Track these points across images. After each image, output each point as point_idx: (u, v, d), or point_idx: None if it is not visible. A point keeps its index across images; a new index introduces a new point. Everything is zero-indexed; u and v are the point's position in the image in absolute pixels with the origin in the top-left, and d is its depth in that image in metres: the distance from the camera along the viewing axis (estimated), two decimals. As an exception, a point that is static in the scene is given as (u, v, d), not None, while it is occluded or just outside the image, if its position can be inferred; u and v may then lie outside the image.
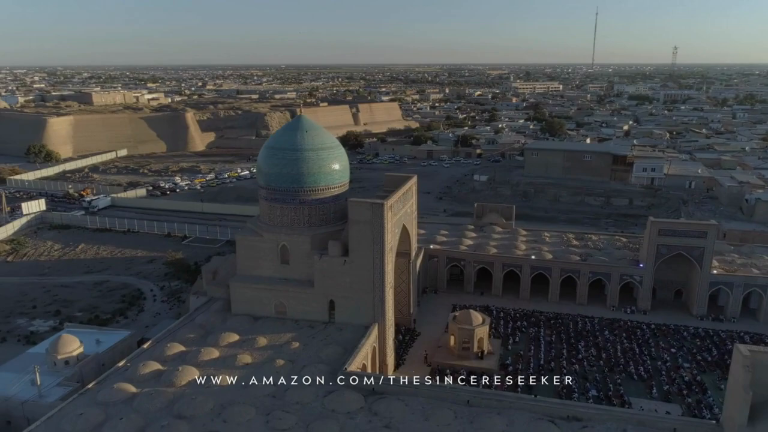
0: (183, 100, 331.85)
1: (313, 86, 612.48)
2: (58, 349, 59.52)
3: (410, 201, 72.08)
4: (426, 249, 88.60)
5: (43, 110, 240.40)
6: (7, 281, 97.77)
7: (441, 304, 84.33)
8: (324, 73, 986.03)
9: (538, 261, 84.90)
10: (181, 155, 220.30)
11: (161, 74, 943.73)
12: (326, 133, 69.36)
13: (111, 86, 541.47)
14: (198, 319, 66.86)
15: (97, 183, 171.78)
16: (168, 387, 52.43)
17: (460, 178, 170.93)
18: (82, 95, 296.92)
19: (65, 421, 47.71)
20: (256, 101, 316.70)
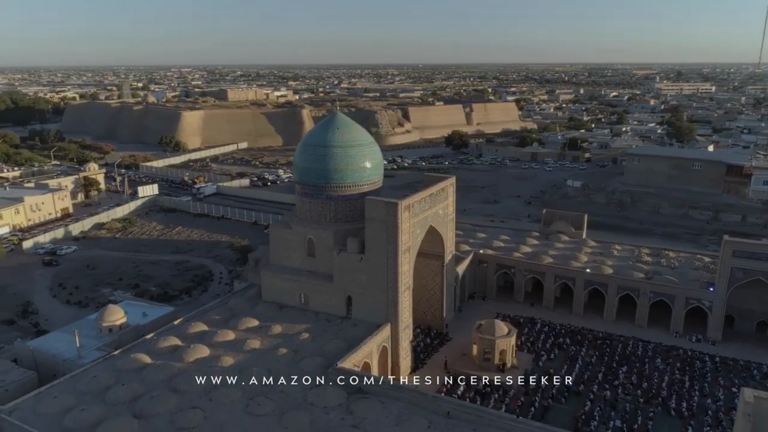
0: (309, 98, 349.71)
1: (442, 85, 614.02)
2: (104, 317, 66.63)
3: (444, 202, 70.39)
4: (476, 253, 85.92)
5: (181, 105, 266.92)
6: (109, 255, 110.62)
7: (485, 311, 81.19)
8: (458, 73, 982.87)
9: (594, 275, 78.61)
10: (294, 149, 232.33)
11: (305, 72, 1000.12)
12: (359, 131, 70.07)
13: (256, 83, 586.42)
14: (231, 302, 71.09)
15: (212, 172, 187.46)
16: (177, 362, 56.58)
17: (558, 183, 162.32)
18: (219, 92, 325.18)
19: (82, 382, 53.57)
20: (374, 99, 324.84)
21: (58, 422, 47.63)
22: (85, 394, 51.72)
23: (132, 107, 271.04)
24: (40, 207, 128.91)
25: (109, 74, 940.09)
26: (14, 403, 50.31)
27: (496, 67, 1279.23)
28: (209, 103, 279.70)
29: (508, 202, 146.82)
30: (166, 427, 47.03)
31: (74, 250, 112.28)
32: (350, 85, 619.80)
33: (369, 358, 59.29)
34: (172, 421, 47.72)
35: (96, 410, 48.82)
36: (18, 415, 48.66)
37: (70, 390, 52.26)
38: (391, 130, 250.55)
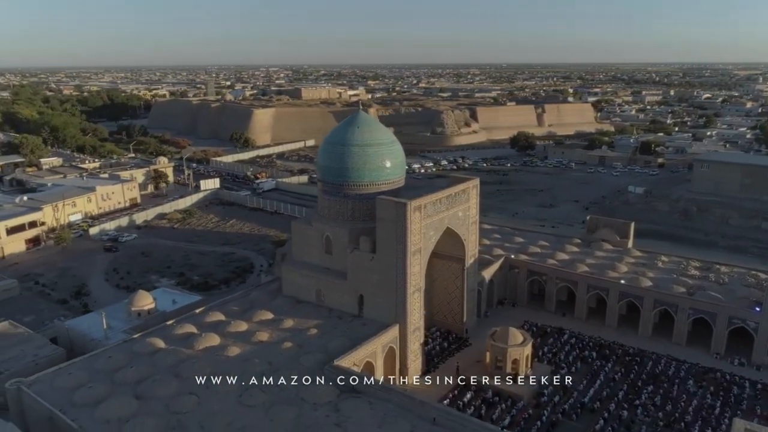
0: (380, 97, 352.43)
1: (522, 85, 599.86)
2: (134, 302, 70.63)
3: (464, 204, 68.80)
4: (506, 258, 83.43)
5: (255, 103, 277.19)
6: (164, 244, 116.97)
7: (512, 318, 78.69)
8: (541, 72, 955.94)
9: (629, 287, 74.12)
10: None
11: (386, 72, 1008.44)
12: (381, 130, 69.92)
13: (336, 82, 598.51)
14: (252, 294, 73.15)
15: (275, 168, 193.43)
16: (187, 349, 59.02)
17: (622, 189, 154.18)
18: (294, 90, 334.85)
19: (99, 361, 57.12)
20: (445, 99, 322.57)
21: (68, 397, 51.00)
22: (99, 372, 55.03)
23: (210, 105, 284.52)
24: (110, 196, 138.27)
25: (201, 73, 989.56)
26: (36, 376, 54.43)
27: (584, 67, 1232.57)
28: (282, 101, 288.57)
29: (564, 206, 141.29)
30: (161, 410, 49.15)
31: (134, 238, 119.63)
32: (428, 84, 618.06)
33: (372, 358, 59.12)
34: (167, 404, 49.81)
35: (102, 389, 51.89)
36: (36, 388, 52.55)
37: (86, 368, 55.81)
38: (457, 130, 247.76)
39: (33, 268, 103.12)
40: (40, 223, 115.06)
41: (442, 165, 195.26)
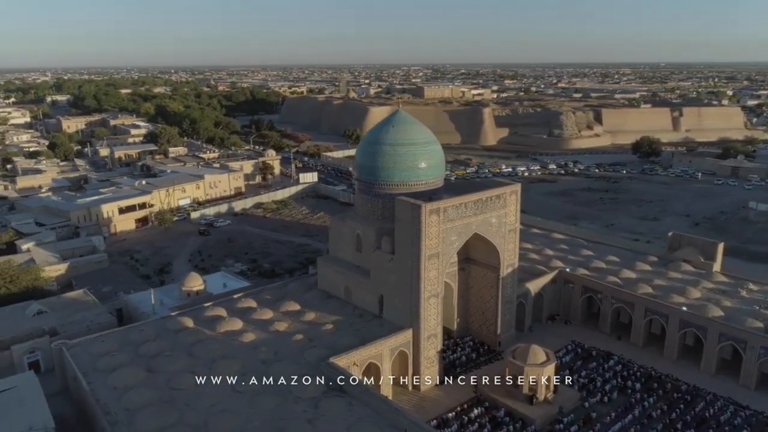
0: (507, 96, 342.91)
1: (675, 86, 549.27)
2: (185, 283, 76.35)
3: (499, 210, 65.17)
4: (561, 272, 77.60)
5: (375, 101, 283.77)
6: (251, 231, 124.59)
7: (559, 336, 73.26)
8: (702, 72, 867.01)
9: (691, 315, 65.33)
10: (470, 148, 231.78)
11: (528, 71, 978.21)
12: (417, 130, 68.36)
13: (472, 82, 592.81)
14: (290, 285, 75.58)
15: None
16: (209, 330, 62.74)
17: (747, 204, 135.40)
18: (417, 89, 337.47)
19: (132, 333, 62.79)
20: (572, 100, 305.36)
21: (93, 362, 56.73)
22: (128, 343, 60.47)
23: (332, 102, 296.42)
24: (217, 184, 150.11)
25: (346, 71, 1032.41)
26: (78, 340, 61.18)
27: (755, 66, 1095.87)
28: (403, 99, 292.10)
29: (670, 220, 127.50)
30: (162, 384, 52.83)
31: (227, 224, 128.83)
32: (568, 84, 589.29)
33: (378, 360, 58.39)
34: (169, 380, 53.42)
35: (123, 358, 57.02)
36: (74, 350, 59.06)
37: (119, 338, 61.62)
38: (576, 133, 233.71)
39: (135, 244, 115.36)
40: (149, 205, 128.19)
41: (549, 169, 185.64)
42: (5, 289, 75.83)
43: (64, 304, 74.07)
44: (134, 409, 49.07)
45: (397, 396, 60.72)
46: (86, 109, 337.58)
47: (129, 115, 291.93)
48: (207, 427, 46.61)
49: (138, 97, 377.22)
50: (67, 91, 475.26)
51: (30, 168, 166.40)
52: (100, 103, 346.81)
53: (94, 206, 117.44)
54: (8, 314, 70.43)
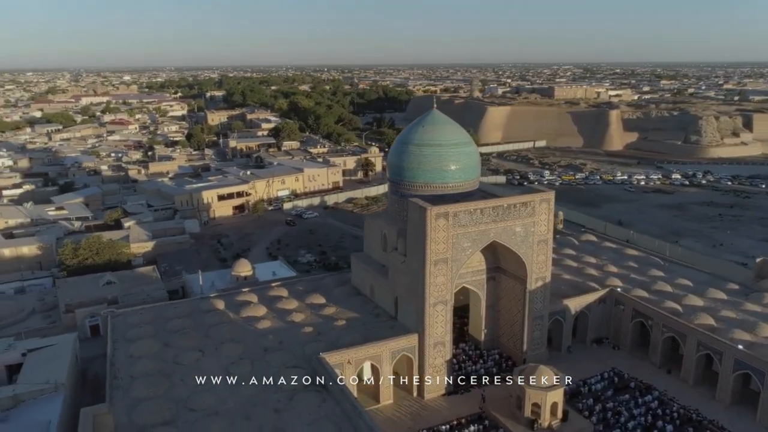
0: (650, 98, 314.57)
1: None
2: (235, 268, 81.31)
3: (526, 219, 60.89)
4: (612, 291, 70.60)
5: (496, 100, 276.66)
6: (332, 224, 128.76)
7: (600, 361, 66.88)
8: None
9: (748, 356, 56.00)
10: (591, 152, 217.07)
11: (693, 71, 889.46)
12: (450, 131, 66.17)
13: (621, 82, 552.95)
14: (326, 279, 77.28)
15: (485, 167, 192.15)
16: (233, 314, 66.49)
17: None
18: (547, 89, 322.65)
19: (169, 309, 68.56)
20: (724, 102, 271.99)
21: (124, 331, 62.97)
22: (161, 318, 66.11)
23: (454, 101, 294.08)
24: (316, 178, 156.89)
25: (490, 70, 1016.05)
26: (122, 310, 68.28)
27: None
28: (528, 100, 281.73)
29: None
30: (169, 358, 57.17)
31: (314, 216, 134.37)
32: (737, 85, 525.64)
33: (377, 362, 57.87)
34: (176, 355, 57.67)
35: (149, 330, 62.59)
36: (116, 319, 65.90)
37: (156, 312, 67.57)
38: (718, 140, 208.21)
39: (227, 229, 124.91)
40: (246, 193, 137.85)
41: (671, 179, 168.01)
42: (91, 260, 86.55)
43: (132, 277, 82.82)
44: (137, 377, 53.81)
45: (399, 401, 59.93)
46: (233, 104, 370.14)
47: (265, 110, 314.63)
48: (186, 402, 49.71)
49: (279, 93, 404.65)
50: (224, 88, 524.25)
51: (165, 155, 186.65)
52: (246, 98, 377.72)
53: (196, 192, 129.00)
54: (85, 282, 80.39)
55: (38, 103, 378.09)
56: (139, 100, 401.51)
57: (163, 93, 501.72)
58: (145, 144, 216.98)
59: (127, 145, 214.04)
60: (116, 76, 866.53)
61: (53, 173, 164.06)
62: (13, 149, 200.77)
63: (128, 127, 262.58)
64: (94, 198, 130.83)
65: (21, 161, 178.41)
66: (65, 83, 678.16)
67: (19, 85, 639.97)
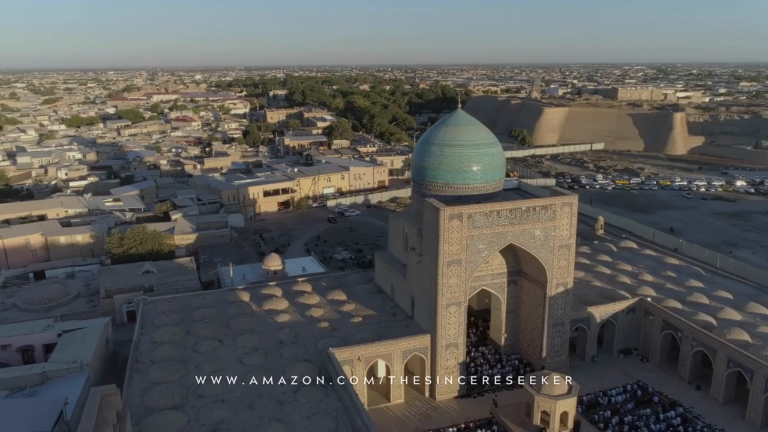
0: (718, 101, 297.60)
1: None
2: (266, 262, 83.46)
3: (546, 223, 59.39)
4: (642, 301, 67.72)
5: (553, 101, 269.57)
6: (372, 222, 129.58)
7: (626, 373, 64.41)
8: None
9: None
10: (652, 156, 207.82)
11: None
12: (473, 132, 65.25)
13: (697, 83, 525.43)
14: (350, 276, 78.08)
15: (534, 169, 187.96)
16: (255, 306, 68.43)
17: None
18: (611, 90, 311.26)
19: (197, 298, 71.29)
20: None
21: (152, 318, 66.01)
22: (188, 307, 68.79)
23: (510, 102, 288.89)
24: (361, 177, 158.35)
25: (556, 70, 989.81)
26: (155, 298, 71.57)
27: None
28: (589, 101, 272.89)
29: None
30: (188, 345, 59.48)
31: (356, 214, 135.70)
32: None
33: (388, 360, 58.09)
34: (197, 342, 59.99)
35: (174, 318, 65.35)
36: (147, 306, 69.15)
37: (184, 301, 70.38)
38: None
39: (270, 225, 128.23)
40: (291, 190, 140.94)
41: (735, 186, 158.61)
42: (134, 249, 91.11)
43: (170, 267, 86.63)
44: (156, 361, 56.37)
45: (411, 401, 59.93)
46: (294, 102, 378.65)
47: (322, 109, 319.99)
48: (196, 389, 51.64)
49: (338, 92, 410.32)
50: (287, 87, 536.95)
51: (221, 152, 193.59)
52: (305, 97, 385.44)
53: (242, 188, 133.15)
54: (126, 270, 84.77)
55: (113, 100, 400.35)
56: (205, 98, 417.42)
57: (229, 92, 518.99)
58: (204, 140, 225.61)
59: (188, 141, 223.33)
60: (189, 75, 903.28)
61: (116, 166, 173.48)
62: (84, 143, 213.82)
63: (191, 124, 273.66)
64: (148, 191, 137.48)
65: (89, 155, 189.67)
66: (141, 81, 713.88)
67: (100, 84, 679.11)
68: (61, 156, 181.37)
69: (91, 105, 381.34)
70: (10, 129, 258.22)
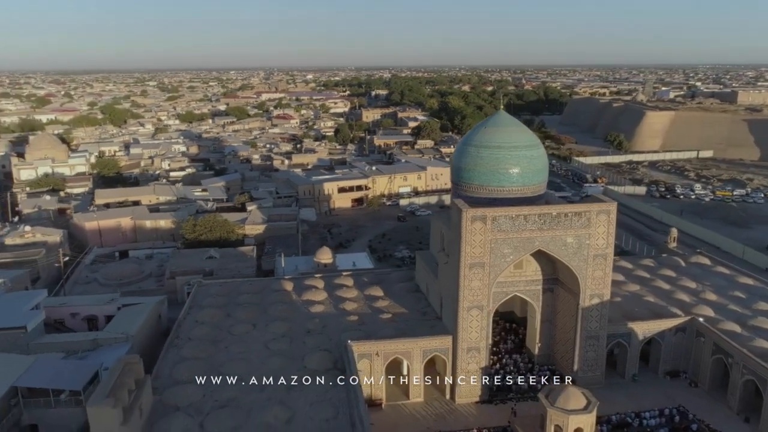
0: None
1: None
2: (317, 255, 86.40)
3: (579, 230, 56.83)
4: (693, 320, 62.64)
5: (660, 105, 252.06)
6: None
7: (667, 396, 60.16)
8: None
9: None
10: (767, 167, 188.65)
11: None
12: (513, 134, 63.39)
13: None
14: (392, 274, 78.97)
15: (629, 176, 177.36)
16: (295, 296, 71.44)
17: None
18: (730, 93, 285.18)
19: (245, 284, 75.60)
20: None
21: (202, 299, 71.00)
22: (235, 292, 73.19)
23: (612, 105, 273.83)
24: (438, 177, 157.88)
25: (679, 72, 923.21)
26: (209, 281, 76.97)
27: None
28: (702, 105, 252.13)
29: None
30: (225, 327, 63.39)
31: (426, 214, 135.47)
32: None
33: (407, 358, 58.57)
34: (232, 325, 63.87)
35: (220, 300, 69.96)
36: (202, 288, 74.56)
37: (233, 287, 74.84)
38: None
39: (341, 220, 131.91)
40: (365, 187, 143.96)
41: None
42: (204, 236, 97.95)
43: (232, 254, 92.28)
44: (193, 339, 60.86)
45: (430, 401, 60.06)
46: (391, 102, 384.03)
47: (416, 109, 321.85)
48: (219, 367, 55.14)
49: (436, 93, 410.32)
50: (389, 87, 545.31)
51: (310, 148, 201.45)
52: (403, 97, 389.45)
53: (318, 184, 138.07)
54: (194, 254, 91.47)
55: (227, 98, 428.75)
56: (309, 97, 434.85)
57: (332, 91, 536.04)
58: (297, 137, 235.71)
59: (283, 138, 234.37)
60: (301, 75, 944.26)
61: (213, 159, 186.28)
62: (190, 137, 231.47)
63: (290, 122, 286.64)
64: (234, 183, 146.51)
65: (192, 148, 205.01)
66: (257, 81, 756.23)
67: (220, 82, 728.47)
68: (167, 148, 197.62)
69: (207, 102, 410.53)
70: (132, 123, 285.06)
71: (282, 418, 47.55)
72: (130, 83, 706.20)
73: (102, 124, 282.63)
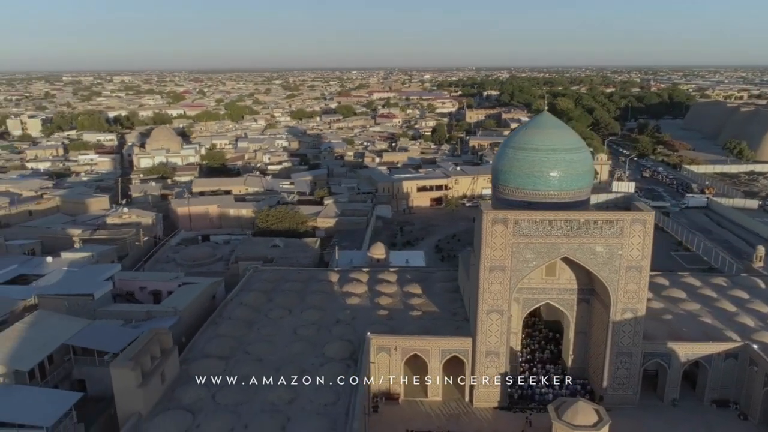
0: None
1: None
2: (371, 250, 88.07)
3: (611, 240, 53.73)
4: (746, 347, 56.71)
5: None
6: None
7: (707, 427, 55.25)
8: None
9: None
10: None
11: None
12: (554, 136, 60.80)
13: None
14: (437, 273, 78.95)
15: (744, 188, 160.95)
16: (337, 287, 73.88)
17: None
18: None
19: (292, 274, 79.44)
20: None
21: (252, 284, 75.41)
22: (284, 279, 77.04)
23: (739, 108, 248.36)
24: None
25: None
26: (265, 268, 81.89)
27: None
28: None
29: None
30: (263, 311, 67.16)
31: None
32: None
33: (425, 356, 58.95)
34: (270, 309, 67.68)
35: (268, 286, 74.22)
36: (256, 274, 79.02)
37: (284, 274, 78.82)
38: None
39: (416, 218, 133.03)
40: (445, 187, 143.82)
41: None
42: (275, 225, 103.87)
43: (296, 244, 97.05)
44: (232, 318, 65.49)
45: (448, 401, 59.96)
46: (500, 102, 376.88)
47: (522, 110, 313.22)
48: (247, 346, 59.01)
49: (549, 94, 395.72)
50: (503, 88, 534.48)
51: (403, 147, 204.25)
52: (512, 98, 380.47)
53: (397, 182, 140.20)
54: (261, 242, 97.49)
55: (339, 97, 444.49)
56: (419, 97, 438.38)
57: (442, 91, 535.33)
58: (395, 136, 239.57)
59: (381, 136, 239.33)
60: (418, 75, 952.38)
61: (310, 155, 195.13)
62: (294, 133, 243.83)
63: (392, 121, 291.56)
64: (320, 177, 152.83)
65: (293, 143, 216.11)
66: (375, 81, 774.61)
67: (340, 82, 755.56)
68: (270, 143, 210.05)
69: (321, 100, 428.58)
70: (248, 119, 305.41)
71: (285, 399, 50.11)
72: (258, 81, 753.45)
73: (222, 119, 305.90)
